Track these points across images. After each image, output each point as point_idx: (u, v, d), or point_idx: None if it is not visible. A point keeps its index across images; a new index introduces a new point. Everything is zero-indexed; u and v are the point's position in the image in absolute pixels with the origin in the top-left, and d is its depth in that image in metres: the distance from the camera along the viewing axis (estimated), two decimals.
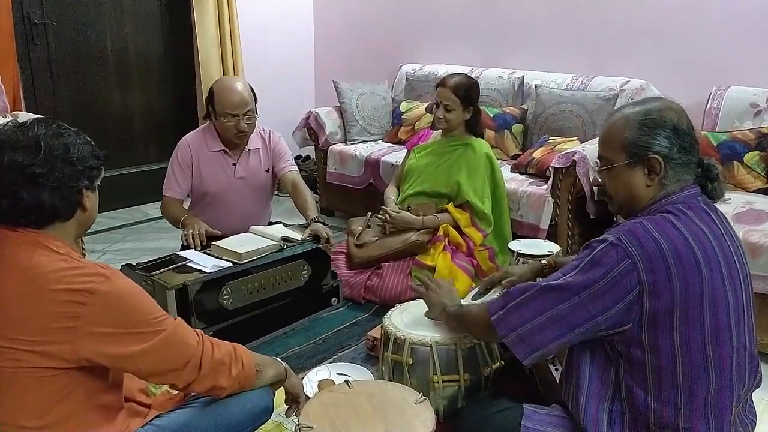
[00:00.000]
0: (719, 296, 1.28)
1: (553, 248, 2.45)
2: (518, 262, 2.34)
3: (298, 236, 2.68)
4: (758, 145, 2.82)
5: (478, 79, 3.40)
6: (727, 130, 2.96)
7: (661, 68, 3.39)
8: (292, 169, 2.93)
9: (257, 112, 2.79)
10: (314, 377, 2.13)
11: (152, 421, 1.40)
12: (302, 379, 1.95)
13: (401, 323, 1.90)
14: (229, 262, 2.45)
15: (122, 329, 1.23)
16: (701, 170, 1.39)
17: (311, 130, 4.04)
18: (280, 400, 1.60)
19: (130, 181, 4.22)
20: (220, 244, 2.55)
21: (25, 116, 2.90)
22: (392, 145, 3.94)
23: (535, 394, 1.78)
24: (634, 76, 3.39)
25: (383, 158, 3.69)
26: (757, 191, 2.80)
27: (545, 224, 2.97)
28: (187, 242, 2.59)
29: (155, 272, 2.35)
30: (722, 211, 1.42)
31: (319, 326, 2.63)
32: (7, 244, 1.26)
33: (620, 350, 1.33)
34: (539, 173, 3.16)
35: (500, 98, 3.76)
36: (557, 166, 2.92)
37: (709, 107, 3.06)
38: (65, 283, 1.20)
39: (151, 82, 4.40)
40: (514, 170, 3.32)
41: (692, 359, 1.27)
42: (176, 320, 1.33)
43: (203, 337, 1.36)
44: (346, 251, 2.98)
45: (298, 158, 4.58)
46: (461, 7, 4.16)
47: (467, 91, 2.85)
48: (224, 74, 4.29)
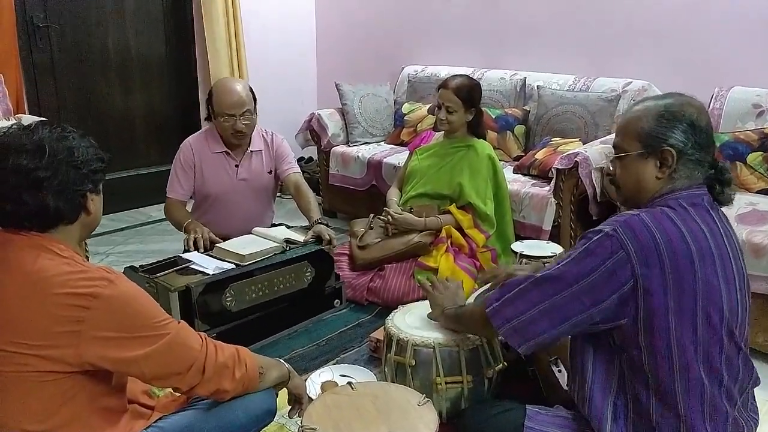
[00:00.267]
0: (713, 292, 1.28)
1: (555, 249, 2.45)
2: (521, 263, 2.34)
3: (300, 238, 2.68)
4: (761, 145, 2.82)
5: (480, 80, 3.40)
6: (729, 130, 2.95)
7: (662, 69, 3.39)
8: (294, 170, 2.94)
9: (257, 113, 2.79)
10: (317, 379, 2.13)
11: (155, 423, 1.39)
12: (305, 380, 1.95)
13: (404, 325, 1.90)
14: (232, 263, 2.45)
15: (126, 333, 1.23)
16: (714, 172, 1.39)
17: (313, 131, 4.04)
18: (282, 401, 1.60)
19: (132, 183, 4.22)
20: (223, 245, 2.55)
21: (28, 119, 2.92)
22: (394, 146, 3.94)
23: (537, 395, 1.78)
24: (635, 77, 3.39)
25: (385, 160, 3.69)
26: (760, 192, 2.79)
27: (548, 225, 2.97)
28: (189, 247, 2.59)
29: (158, 274, 2.36)
30: (725, 212, 1.41)
31: (322, 328, 2.63)
32: (11, 247, 1.26)
33: (621, 345, 1.34)
34: (542, 174, 3.16)
35: (502, 99, 3.76)
36: (560, 167, 2.92)
37: (711, 108, 3.05)
38: (69, 287, 1.20)
39: (152, 84, 4.40)
40: (516, 171, 3.31)
41: (687, 356, 1.27)
42: (180, 324, 1.33)
43: (206, 340, 1.36)
44: (348, 253, 2.98)
45: (300, 160, 4.58)
46: (463, 8, 4.15)
47: (469, 92, 2.85)
48: (233, 76, 4.29)
